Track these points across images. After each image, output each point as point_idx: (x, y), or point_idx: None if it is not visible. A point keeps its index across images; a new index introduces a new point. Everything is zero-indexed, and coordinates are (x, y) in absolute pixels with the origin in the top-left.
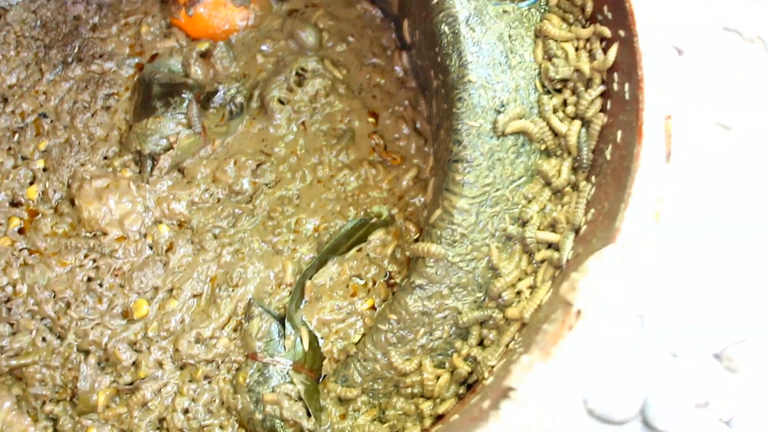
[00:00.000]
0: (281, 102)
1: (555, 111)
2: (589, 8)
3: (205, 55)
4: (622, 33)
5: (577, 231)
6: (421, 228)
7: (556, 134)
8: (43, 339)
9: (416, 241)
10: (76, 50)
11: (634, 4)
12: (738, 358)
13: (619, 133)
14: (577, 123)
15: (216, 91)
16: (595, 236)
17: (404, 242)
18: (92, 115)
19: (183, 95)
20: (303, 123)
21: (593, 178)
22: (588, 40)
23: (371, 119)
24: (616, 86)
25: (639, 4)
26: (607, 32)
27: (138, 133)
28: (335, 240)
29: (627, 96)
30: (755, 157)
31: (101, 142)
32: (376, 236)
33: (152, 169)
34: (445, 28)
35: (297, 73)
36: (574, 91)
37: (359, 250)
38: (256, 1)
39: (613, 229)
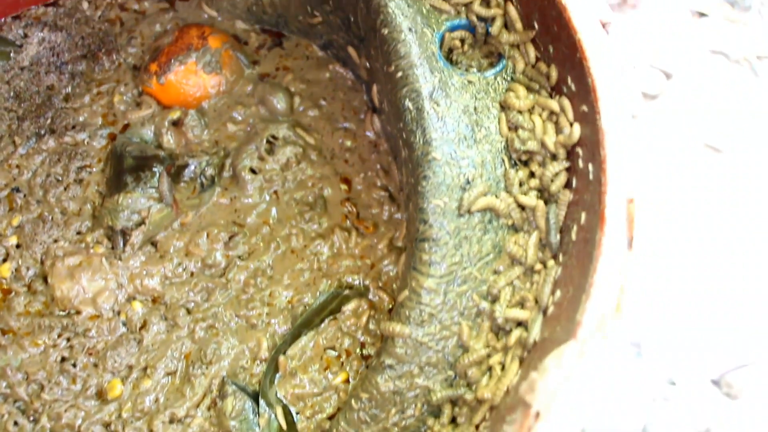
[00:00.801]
0: (253, 171)
1: (521, 184)
2: (553, 77)
3: (177, 123)
4: (585, 108)
5: (545, 311)
6: (394, 298)
7: (523, 208)
8: (15, 423)
9: (389, 311)
10: (49, 121)
11: (597, 80)
12: (737, 384)
13: (583, 215)
14: (542, 203)
15: (186, 165)
16: (560, 323)
17: (378, 313)
18: (65, 189)
19: (154, 169)
20: (275, 192)
21: (561, 257)
22: (553, 112)
23: (344, 186)
24: (581, 163)
25: (602, 80)
26: (568, 110)
27: (109, 209)
28: (308, 314)
29: (591, 176)
30: (746, 179)
31: (74, 217)
32: (350, 307)
33: (125, 245)
34: (408, 104)
35: (268, 141)
36: (541, 164)
37: (334, 319)
38: (228, 66)
39: (575, 322)
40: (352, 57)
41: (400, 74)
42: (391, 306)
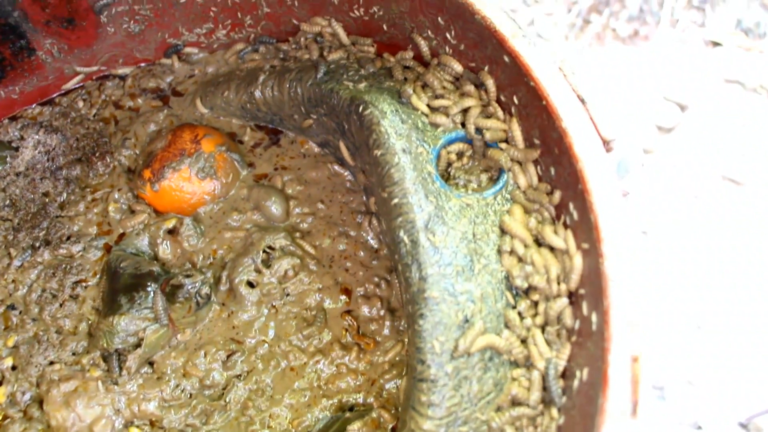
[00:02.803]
0: (250, 285)
1: (522, 318)
2: (555, 200)
3: (172, 232)
4: (587, 246)
5: None
6: (397, 417)
7: (524, 341)
8: None
9: (393, 431)
10: (44, 232)
11: (600, 218)
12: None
13: (586, 371)
14: (542, 361)
15: (182, 285)
16: None
17: None
18: (60, 305)
19: (148, 288)
20: (273, 305)
21: (563, 406)
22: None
23: (344, 296)
24: (585, 308)
25: (606, 218)
26: (572, 248)
27: (104, 330)
28: None
29: (594, 326)
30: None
31: (70, 336)
32: (354, 427)
33: (120, 369)
34: (403, 235)
35: (264, 252)
36: (544, 298)
37: None
38: (222, 169)
39: None
40: (347, 160)
41: (394, 201)
42: (393, 425)
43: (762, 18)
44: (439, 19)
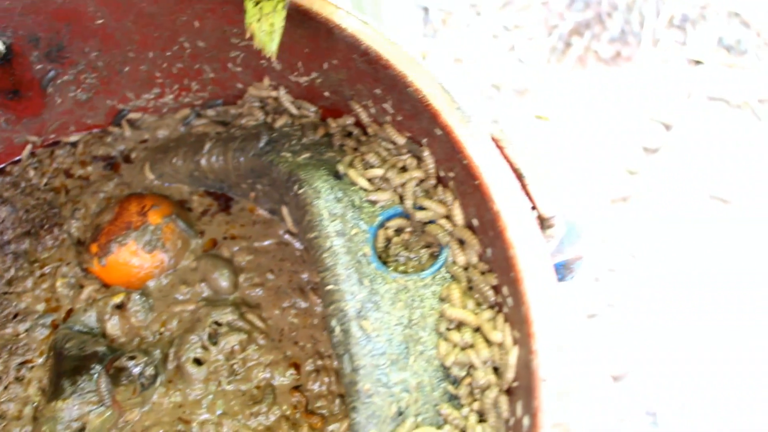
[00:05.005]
0: (197, 362)
1: (461, 406)
2: (492, 283)
3: (121, 307)
4: (518, 334)
5: None
6: None
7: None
8: None
9: None
10: None
11: (534, 313)
12: None
13: None
14: None
15: (125, 367)
16: None
17: None
18: (5, 389)
19: (92, 371)
20: (221, 383)
21: None
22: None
23: (293, 371)
24: (519, 409)
25: (539, 314)
26: (509, 342)
27: (47, 417)
28: None
29: (525, 426)
30: (757, 231)
31: (13, 422)
32: None
33: None
34: (335, 324)
35: (212, 326)
36: (481, 390)
37: None
38: (170, 241)
39: None
40: (292, 230)
41: (327, 288)
42: None
43: (743, 35)
44: (376, 89)
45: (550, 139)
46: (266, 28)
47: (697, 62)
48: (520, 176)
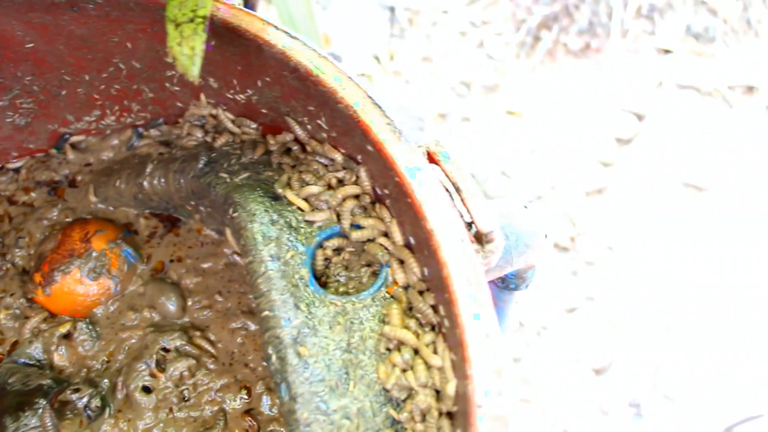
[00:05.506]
0: (146, 390)
1: (404, 430)
2: (429, 302)
3: (68, 336)
4: (454, 357)
5: None
6: None
7: None
8: None
9: None
10: None
11: (467, 333)
12: None
13: None
14: None
15: (69, 401)
16: None
17: None
18: None
19: (35, 406)
20: (171, 410)
21: None
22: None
23: (244, 394)
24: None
25: (473, 333)
26: (448, 370)
27: None
28: None
29: None
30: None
31: None
32: None
33: None
34: (271, 352)
35: (159, 353)
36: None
37: None
38: (116, 266)
39: None
40: (237, 250)
41: (263, 314)
42: None
43: (710, 22)
44: (310, 106)
45: (522, 134)
46: (187, 52)
47: (667, 51)
48: (457, 189)
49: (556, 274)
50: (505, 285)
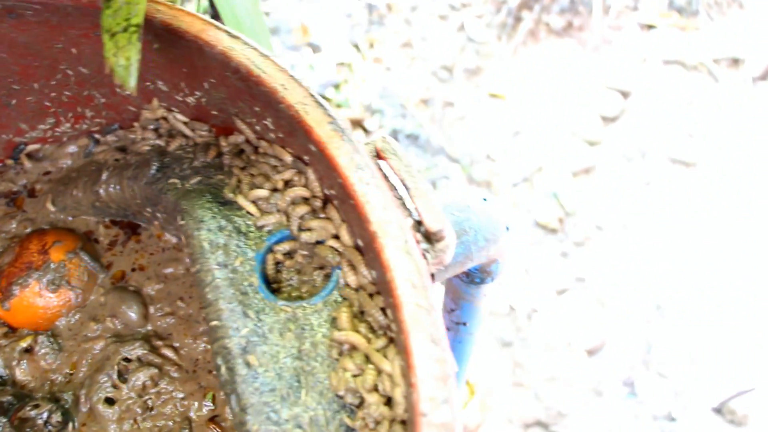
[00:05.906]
0: (109, 402)
1: None
2: (380, 302)
3: (30, 350)
4: (402, 363)
5: None
6: None
7: None
8: None
9: None
10: None
11: (411, 339)
12: (741, 411)
13: None
14: None
15: (28, 418)
16: None
17: None
18: None
19: None
20: (136, 421)
21: None
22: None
23: (209, 402)
24: None
25: (418, 339)
26: (398, 378)
27: None
28: None
29: None
30: (722, 193)
31: None
32: None
33: None
34: (220, 362)
35: (120, 363)
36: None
37: None
38: (76, 276)
39: None
40: None
41: (211, 324)
42: None
43: None
44: (255, 106)
45: (506, 117)
46: (123, 63)
47: (650, 26)
48: (406, 188)
49: (545, 256)
50: (470, 280)
